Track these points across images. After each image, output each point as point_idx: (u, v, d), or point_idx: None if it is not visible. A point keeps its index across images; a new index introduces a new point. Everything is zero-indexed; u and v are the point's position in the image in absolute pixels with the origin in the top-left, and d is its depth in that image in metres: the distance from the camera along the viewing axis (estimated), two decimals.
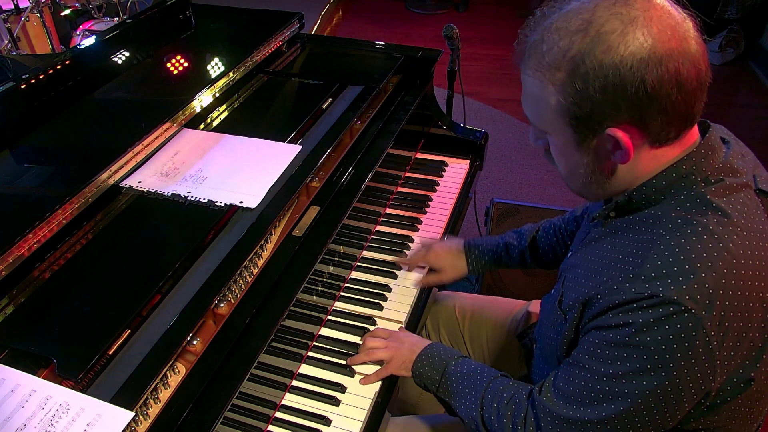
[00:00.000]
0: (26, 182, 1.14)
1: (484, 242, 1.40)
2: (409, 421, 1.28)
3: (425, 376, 1.13)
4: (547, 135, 0.89)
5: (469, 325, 1.47)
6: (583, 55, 0.76)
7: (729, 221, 0.80)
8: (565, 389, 0.90)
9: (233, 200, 1.16)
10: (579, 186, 0.92)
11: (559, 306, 0.98)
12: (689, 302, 0.76)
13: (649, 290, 0.78)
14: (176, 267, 1.02)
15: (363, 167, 1.40)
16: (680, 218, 0.82)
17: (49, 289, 0.99)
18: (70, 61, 1.37)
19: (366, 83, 1.57)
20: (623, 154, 0.82)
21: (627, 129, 0.80)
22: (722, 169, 0.85)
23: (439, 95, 1.85)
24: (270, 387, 1.11)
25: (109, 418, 0.81)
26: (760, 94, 3.82)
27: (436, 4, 5.11)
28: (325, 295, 1.30)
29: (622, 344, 0.80)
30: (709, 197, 0.82)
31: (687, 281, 0.76)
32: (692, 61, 0.77)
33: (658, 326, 0.77)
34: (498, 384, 1.04)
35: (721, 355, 0.78)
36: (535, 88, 0.84)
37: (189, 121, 1.38)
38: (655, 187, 0.85)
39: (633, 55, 0.74)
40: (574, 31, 0.78)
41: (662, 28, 0.75)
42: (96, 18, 2.65)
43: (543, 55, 0.80)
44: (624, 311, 0.80)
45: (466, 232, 2.60)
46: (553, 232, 1.35)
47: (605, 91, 0.76)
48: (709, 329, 0.76)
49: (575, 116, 0.81)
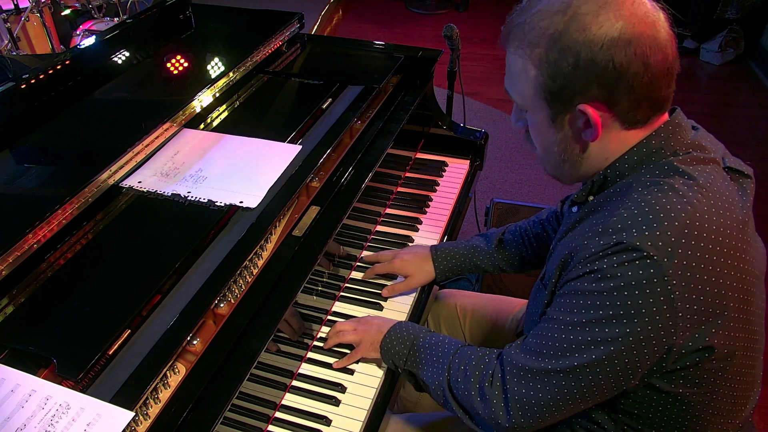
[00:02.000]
0: (26, 182, 1.14)
1: (450, 246, 1.40)
2: (410, 418, 1.28)
3: (393, 352, 1.14)
4: (526, 114, 0.95)
5: (470, 324, 1.47)
6: (560, 33, 0.83)
7: (695, 183, 0.85)
8: (533, 343, 0.93)
9: (233, 200, 1.16)
10: (554, 166, 0.97)
11: (541, 281, 1.02)
12: (651, 248, 0.79)
13: (614, 239, 0.82)
14: (176, 267, 1.02)
15: (363, 167, 1.40)
16: (649, 182, 0.87)
17: (49, 289, 0.99)
18: (70, 61, 1.37)
19: (366, 83, 1.57)
20: (593, 131, 0.87)
21: (597, 106, 0.85)
22: (690, 145, 0.90)
23: (439, 95, 1.85)
24: (270, 387, 1.11)
25: (109, 418, 0.81)
26: (760, 94, 3.82)
27: (436, 4, 5.11)
28: (325, 295, 1.30)
29: (588, 291, 0.84)
30: (676, 164, 0.87)
31: (650, 230, 0.80)
32: (660, 47, 0.83)
33: (622, 272, 0.80)
34: (466, 350, 1.06)
35: (683, 307, 0.81)
36: (516, 65, 0.90)
37: (189, 121, 1.38)
38: (627, 163, 0.90)
39: (604, 35, 0.81)
40: (554, 12, 0.85)
41: (633, 12, 0.82)
42: (96, 18, 2.65)
43: (525, 35, 0.88)
44: (591, 260, 0.84)
45: (466, 232, 2.60)
46: (519, 235, 1.36)
47: (577, 66, 0.83)
48: (671, 277, 0.79)
49: (549, 90, 0.87)
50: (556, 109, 0.89)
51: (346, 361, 1.19)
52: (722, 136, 1.00)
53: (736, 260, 0.84)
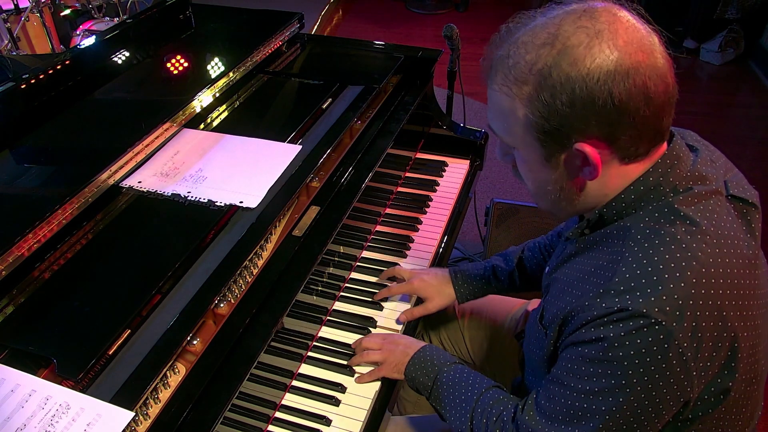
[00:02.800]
0: (26, 182, 1.14)
1: (470, 267, 1.35)
2: (409, 421, 1.28)
3: (418, 381, 1.12)
4: (515, 150, 0.88)
5: (469, 324, 1.47)
6: (550, 68, 0.76)
7: (698, 230, 0.79)
8: (546, 407, 0.90)
9: (233, 200, 1.16)
10: (548, 203, 0.91)
11: (540, 321, 0.98)
12: (659, 314, 0.75)
13: (618, 304, 0.77)
14: (176, 267, 1.02)
15: (363, 167, 1.40)
16: (648, 229, 0.81)
17: (49, 289, 0.99)
18: (70, 61, 1.37)
19: (366, 83, 1.57)
20: (592, 170, 0.81)
21: (596, 144, 0.79)
22: (690, 177, 0.84)
23: (439, 95, 1.85)
24: (270, 387, 1.11)
25: (109, 418, 0.81)
26: (760, 94, 3.82)
27: (436, 4, 5.11)
28: (325, 295, 1.30)
29: (597, 360, 0.80)
30: (677, 206, 0.81)
31: (656, 293, 0.76)
32: (659, 75, 0.76)
33: (630, 341, 0.76)
34: (488, 398, 1.02)
35: (696, 366, 0.78)
36: (502, 103, 0.83)
37: (189, 121, 1.38)
38: (625, 202, 0.84)
39: (599, 68, 0.74)
40: (540, 44, 0.77)
41: (628, 41, 0.75)
42: (96, 18, 2.65)
43: (509, 69, 0.80)
44: (596, 326, 0.79)
45: (467, 232, 2.61)
46: (539, 250, 1.32)
47: (573, 104, 0.76)
48: (681, 340, 0.76)
49: (543, 130, 0.80)
50: (550, 149, 0.82)
51: (368, 377, 1.17)
52: (722, 136, 0.99)
53: (745, 306, 0.81)
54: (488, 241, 2.23)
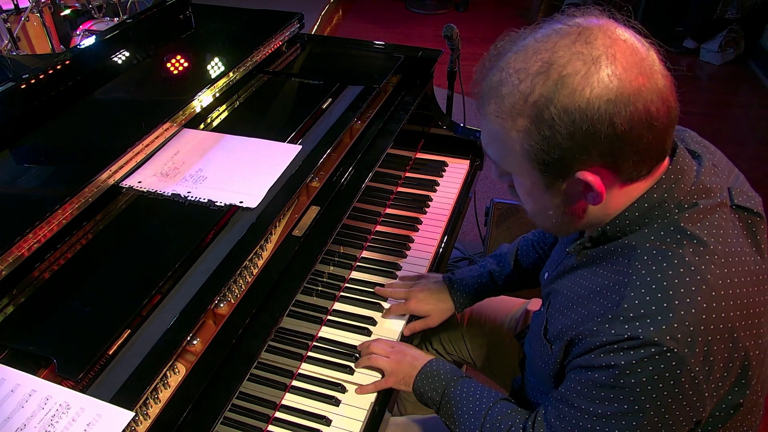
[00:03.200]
0: (26, 182, 1.14)
1: (465, 275, 1.33)
2: (409, 421, 1.28)
3: (426, 396, 1.12)
4: (513, 175, 0.86)
5: (469, 324, 1.47)
6: (547, 100, 0.73)
7: (705, 250, 0.78)
8: (556, 426, 0.89)
9: (233, 200, 1.16)
10: (549, 225, 0.89)
11: (545, 336, 0.96)
12: (670, 342, 0.74)
13: (628, 332, 0.75)
14: (176, 267, 1.02)
15: (363, 167, 1.40)
16: (655, 250, 0.79)
17: (49, 289, 0.99)
18: (70, 61, 1.37)
19: (366, 83, 1.57)
20: (595, 196, 0.79)
21: (598, 171, 0.77)
22: (695, 191, 0.82)
23: (439, 95, 1.85)
24: (270, 387, 1.11)
25: (109, 418, 0.81)
26: (760, 94, 3.82)
27: (436, 4, 5.11)
28: (325, 295, 1.30)
29: (608, 386, 0.79)
30: (683, 225, 0.79)
31: (666, 320, 0.74)
32: (661, 98, 0.74)
33: (642, 368, 0.75)
34: (497, 412, 1.02)
35: (708, 387, 0.78)
36: (497, 134, 0.80)
37: (189, 121, 1.38)
38: (629, 219, 0.82)
39: (599, 98, 0.71)
40: (534, 73, 0.74)
41: (627, 66, 0.72)
42: (96, 18, 2.65)
43: (503, 99, 0.77)
44: (605, 352, 0.78)
45: (467, 232, 2.61)
46: (533, 248, 1.32)
47: (573, 137, 0.73)
48: (693, 365, 0.75)
49: (543, 162, 0.77)
50: (550, 178, 0.79)
51: (373, 387, 1.16)
52: (722, 136, 0.99)
53: (755, 324, 0.80)
54: (488, 241, 2.23)
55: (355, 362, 1.20)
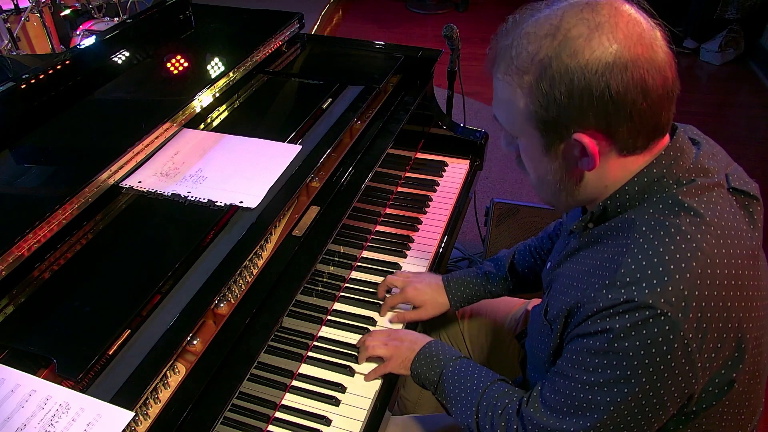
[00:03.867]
0: (26, 182, 1.14)
1: (463, 275, 1.35)
2: (410, 420, 1.28)
3: (423, 376, 1.13)
4: (518, 140, 0.90)
5: (468, 325, 1.47)
6: (550, 59, 0.78)
7: (702, 221, 0.81)
8: (550, 399, 0.90)
9: (233, 200, 1.16)
10: (549, 194, 0.92)
11: (545, 316, 0.98)
12: (665, 305, 0.76)
13: (624, 296, 0.78)
14: (176, 267, 1.02)
15: (363, 167, 1.40)
16: (653, 221, 0.82)
17: (49, 289, 0.99)
18: (70, 61, 1.37)
19: (366, 83, 1.57)
20: (589, 161, 0.82)
21: (594, 135, 0.80)
22: (693, 170, 0.85)
23: (439, 95, 1.85)
24: (270, 387, 1.11)
25: (109, 418, 0.81)
26: (760, 94, 3.82)
27: (436, 4, 5.11)
28: (325, 295, 1.30)
29: (602, 351, 0.81)
30: (681, 198, 0.82)
31: (661, 284, 0.76)
32: (658, 69, 0.77)
33: (636, 332, 0.77)
34: (493, 391, 1.03)
35: (701, 357, 0.79)
36: (504, 92, 0.85)
37: (189, 121, 1.38)
38: (629, 194, 0.85)
39: (598, 60, 0.75)
40: (542, 35, 0.79)
41: (628, 34, 0.76)
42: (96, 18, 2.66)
43: (512, 60, 0.82)
44: (602, 317, 0.80)
45: (466, 232, 2.61)
46: (529, 253, 1.33)
47: (571, 95, 0.77)
48: (686, 332, 0.76)
49: (542, 120, 0.82)
50: (549, 139, 0.84)
51: (374, 374, 1.17)
52: (722, 136, 0.99)
53: (748, 298, 0.81)
54: (488, 241, 2.23)
55: (355, 362, 1.20)
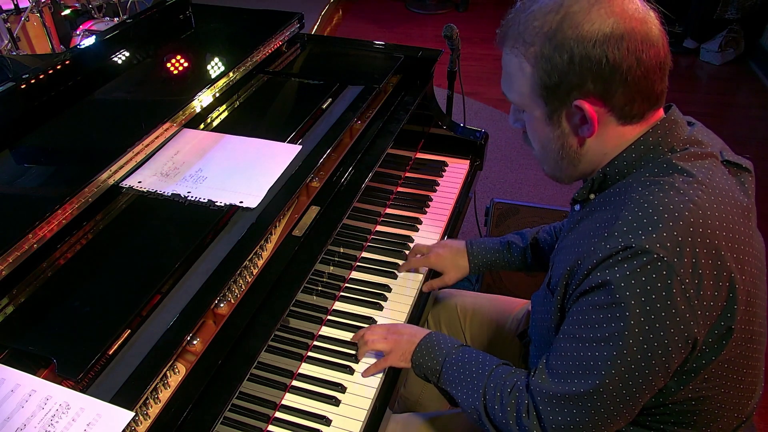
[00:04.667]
0: (26, 182, 1.14)
1: (486, 241, 1.42)
2: (410, 418, 1.28)
3: (425, 367, 1.13)
4: (524, 114, 0.97)
5: (470, 324, 1.47)
6: (554, 31, 0.85)
7: (694, 180, 0.86)
8: (556, 365, 0.92)
9: (233, 200, 1.16)
10: (552, 164, 0.99)
11: (548, 286, 1.02)
12: (660, 250, 0.80)
13: (621, 243, 0.82)
14: (176, 267, 1.02)
15: (363, 167, 1.40)
16: (648, 181, 0.88)
17: (49, 289, 0.99)
18: (70, 61, 1.37)
19: (366, 83, 1.57)
20: (589, 126, 0.89)
21: (593, 101, 0.87)
22: (687, 140, 0.92)
23: (439, 95, 1.85)
24: (270, 387, 1.11)
25: (109, 418, 0.81)
26: (760, 94, 3.82)
27: (436, 4, 5.11)
28: (325, 295, 1.30)
29: (605, 305, 0.84)
30: (674, 161, 0.88)
31: (656, 230, 0.81)
32: (652, 42, 0.84)
33: (635, 279, 0.81)
34: (500, 372, 1.04)
35: (700, 304, 0.82)
36: (512, 64, 0.92)
37: (189, 121, 1.38)
38: (626, 161, 0.92)
39: (597, 31, 0.83)
40: (547, 11, 0.87)
41: (624, 9, 0.84)
42: (96, 18, 2.66)
43: (519, 35, 0.90)
44: (602, 269, 0.84)
45: (466, 232, 2.60)
46: (554, 233, 1.36)
47: (572, 62, 0.84)
48: (683, 276, 0.80)
49: (546, 86, 0.88)
50: (552, 106, 0.90)
51: (374, 369, 1.18)
52: (722, 136, 1.00)
53: (740, 251, 0.86)
54: None
55: (355, 362, 1.20)
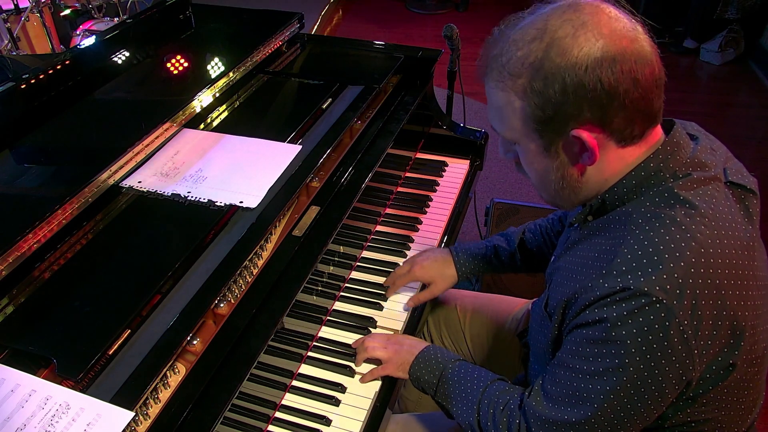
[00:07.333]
0: (26, 182, 1.14)
1: (471, 246, 1.37)
2: (410, 419, 1.28)
3: (423, 380, 1.13)
4: (516, 145, 0.91)
5: (470, 324, 1.47)
6: (541, 61, 0.80)
7: (696, 212, 0.82)
8: (551, 390, 0.91)
9: (233, 200, 1.16)
10: (552, 193, 0.94)
11: (545, 309, 0.99)
12: (659, 293, 0.77)
13: (620, 284, 0.79)
14: (176, 267, 1.02)
15: (363, 167, 1.40)
16: (649, 213, 0.84)
17: (49, 289, 0.99)
18: (70, 61, 1.37)
19: (366, 83, 1.57)
20: (590, 154, 0.84)
21: (591, 129, 0.82)
22: (690, 164, 0.87)
23: (439, 95, 1.85)
24: (270, 387, 1.11)
25: (109, 418, 0.81)
26: (760, 94, 3.82)
27: (436, 4, 5.11)
28: (325, 295, 1.30)
29: (600, 340, 0.82)
30: (676, 191, 0.84)
31: (656, 272, 0.78)
32: (645, 60, 0.80)
33: (632, 319, 0.79)
34: (494, 389, 1.04)
35: (698, 344, 0.80)
36: (499, 99, 0.87)
37: (189, 121, 1.38)
38: (626, 187, 0.87)
39: (587, 56, 0.78)
40: (530, 40, 0.82)
41: (612, 29, 0.79)
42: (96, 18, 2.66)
43: (503, 66, 0.84)
44: (599, 306, 0.82)
45: (467, 232, 2.61)
46: (540, 233, 1.34)
47: (565, 92, 0.79)
48: (681, 318, 0.78)
49: (539, 120, 0.83)
50: (548, 138, 0.85)
51: (371, 375, 1.18)
52: (722, 136, 0.99)
53: (743, 287, 0.83)
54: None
55: (355, 362, 1.20)
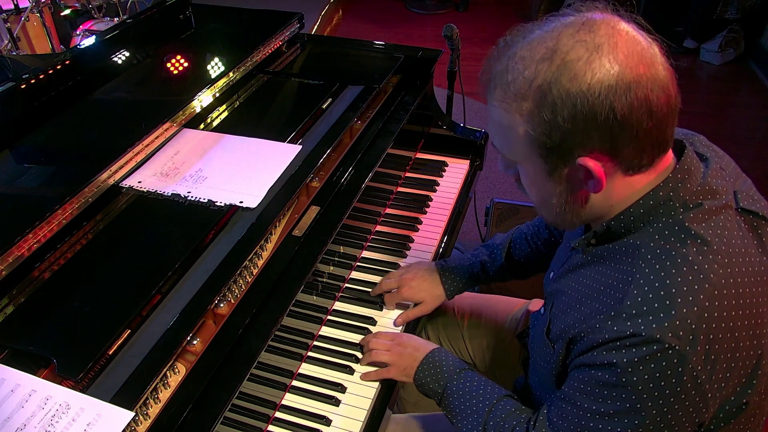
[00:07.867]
0: (26, 182, 1.14)
1: (457, 263, 1.35)
2: (410, 419, 1.28)
3: (427, 387, 1.12)
4: (517, 164, 0.88)
5: (469, 325, 1.47)
6: (550, 84, 0.75)
7: (709, 249, 0.78)
8: (558, 425, 0.89)
9: (233, 200, 1.16)
10: (553, 216, 0.90)
11: (547, 335, 0.97)
12: (672, 339, 0.74)
13: (631, 329, 0.76)
14: (176, 267, 1.02)
15: (363, 167, 1.40)
16: (659, 249, 0.80)
17: (49, 289, 0.99)
18: (70, 61, 1.37)
19: (366, 83, 1.57)
20: (596, 183, 0.80)
21: (598, 157, 0.78)
22: (700, 192, 0.83)
23: (439, 95, 1.85)
24: (270, 387, 1.11)
25: (109, 418, 0.81)
26: (760, 94, 3.82)
27: (436, 4, 5.11)
28: (325, 295, 1.30)
29: (610, 384, 0.79)
30: (687, 224, 0.80)
31: (668, 317, 0.74)
32: (661, 87, 0.75)
33: (644, 365, 0.75)
34: (500, 410, 1.02)
35: (711, 388, 0.77)
36: (502, 119, 0.82)
37: (189, 121, 1.38)
38: (633, 216, 0.83)
39: (600, 83, 0.73)
40: (538, 59, 0.76)
41: (628, 54, 0.74)
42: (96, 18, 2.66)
43: (508, 85, 0.79)
44: (608, 350, 0.78)
45: (466, 232, 2.61)
46: (526, 242, 1.33)
47: (574, 120, 0.75)
48: (695, 364, 0.75)
49: (545, 146, 0.79)
50: (552, 164, 0.81)
51: (374, 376, 1.17)
52: (722, 136, 0.99)
53: (759, 325, 0.80)
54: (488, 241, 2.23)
55: (355, 362, 1.21)
